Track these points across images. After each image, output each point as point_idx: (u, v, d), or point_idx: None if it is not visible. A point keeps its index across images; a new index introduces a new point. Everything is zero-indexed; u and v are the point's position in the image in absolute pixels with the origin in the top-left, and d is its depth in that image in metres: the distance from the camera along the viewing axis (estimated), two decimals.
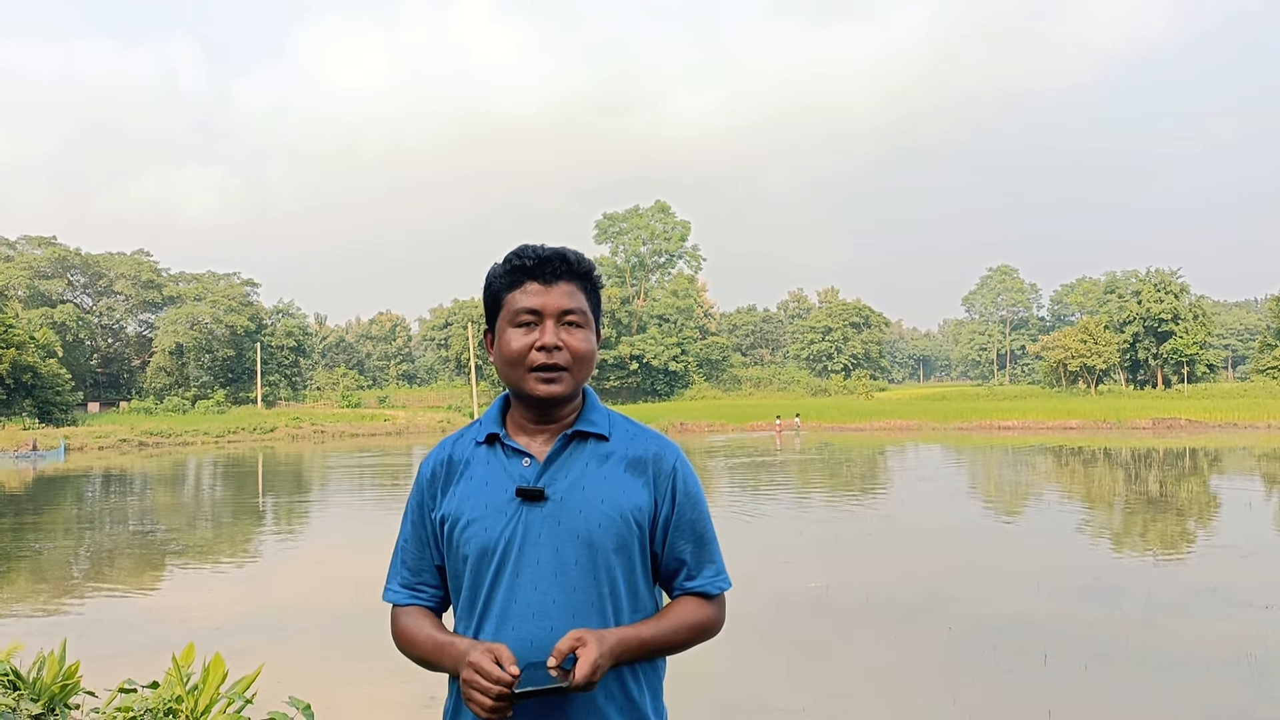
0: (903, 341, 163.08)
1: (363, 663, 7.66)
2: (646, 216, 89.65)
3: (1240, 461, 27.33)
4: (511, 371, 1.73)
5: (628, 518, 1.70)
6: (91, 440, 43.34)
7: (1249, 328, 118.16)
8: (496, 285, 1.77)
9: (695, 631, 1.75)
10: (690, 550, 1.77)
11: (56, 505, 21.54)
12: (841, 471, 26.00)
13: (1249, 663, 7.20)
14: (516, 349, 1.71)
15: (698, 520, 1.78)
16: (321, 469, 30.63)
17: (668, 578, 1.79)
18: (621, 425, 1.80)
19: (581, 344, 1.72)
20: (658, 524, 1.75)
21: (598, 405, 1.81)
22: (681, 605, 1.76)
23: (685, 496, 1.77)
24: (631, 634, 1.65)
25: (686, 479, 1.78)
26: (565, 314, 1.72)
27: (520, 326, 1.72)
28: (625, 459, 1.74)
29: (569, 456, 1.73)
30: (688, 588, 1.77)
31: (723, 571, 1.81)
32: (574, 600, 1.66)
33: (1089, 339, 75.44)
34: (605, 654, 1.57)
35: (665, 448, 1.78)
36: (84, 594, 11.07)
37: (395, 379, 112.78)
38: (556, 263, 1.73)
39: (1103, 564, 11.72)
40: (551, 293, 1.72)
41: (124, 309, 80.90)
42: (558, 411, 1.76)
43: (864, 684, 7.18)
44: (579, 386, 1.76)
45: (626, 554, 1.70)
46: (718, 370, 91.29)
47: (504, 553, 1.68)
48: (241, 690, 3.72)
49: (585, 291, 1.77)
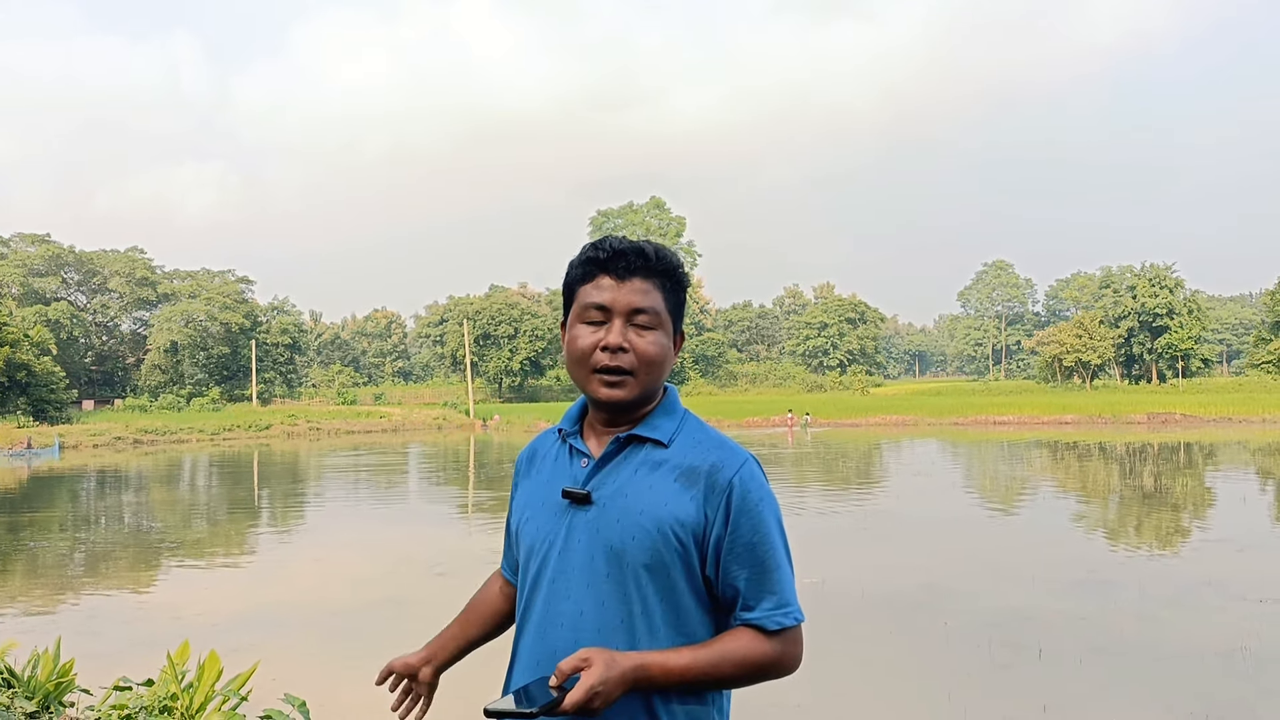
0: (898, 337, 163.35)
1: (359, 660, 7.65)
2: (642, 212, 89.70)
3: (1235, 456, 27.40)
4: (576, 370, 1.64)
5: (666, 532, 1.55)
6: (86, 438, 43.23)
7: (1244, 322, 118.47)
8: (571, 276, 1.68)
9: (746, 668, 1.56)
10: (745, 577, 1.58)
11: (51, 503, 21.49)
12: (837, 467, 26.03)
13: (1244, 656, 7.22)
14: (582, 347, 1.61)
15: (759, 544, 1.58)
16: (317, 466, 30.58)
17: (727, 607, 1.61)
18: (689, 432, 1.66)
19: (650, 347, 1.60)
20: (708, 543, 1.58)
21: (673, 409, 1.68)
22: (733, 636, 1.58)
23: (743, 515, 1.58)
24: (656, 660, 1.49)
25: (746, 495, 1.59)
26: (636, 313, 1.60)
27: (589, 323, 1.62)
28: (678, 468, 1.60)
29: (621, 461, 1.63)
30: (744, 619, 1.59)
31: (788, 604, 1.59)
32: (603, 615, 1.56)
33: (1084, 334, 75.65)
34: (613, 680, 1.42)
35: (728, 459, 1.61)
36: (79, 592, 11.04)
37: (391, 376, 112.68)
38: (633, 257, 1.62)
39: (1098, 558, 11.75)
40: (624, 289, 1.61)
41: (118, 306, 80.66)
42: (627, 414, 1.66)
43: (860, 679, 7.18)
44: (646, 392, 1.63)
45: (664, 572, 1.56)
46: (714, 366, 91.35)
47: (545, 555, 1.63)
48: (237, 688, 3.71)
49: (663, 290, 1.64)
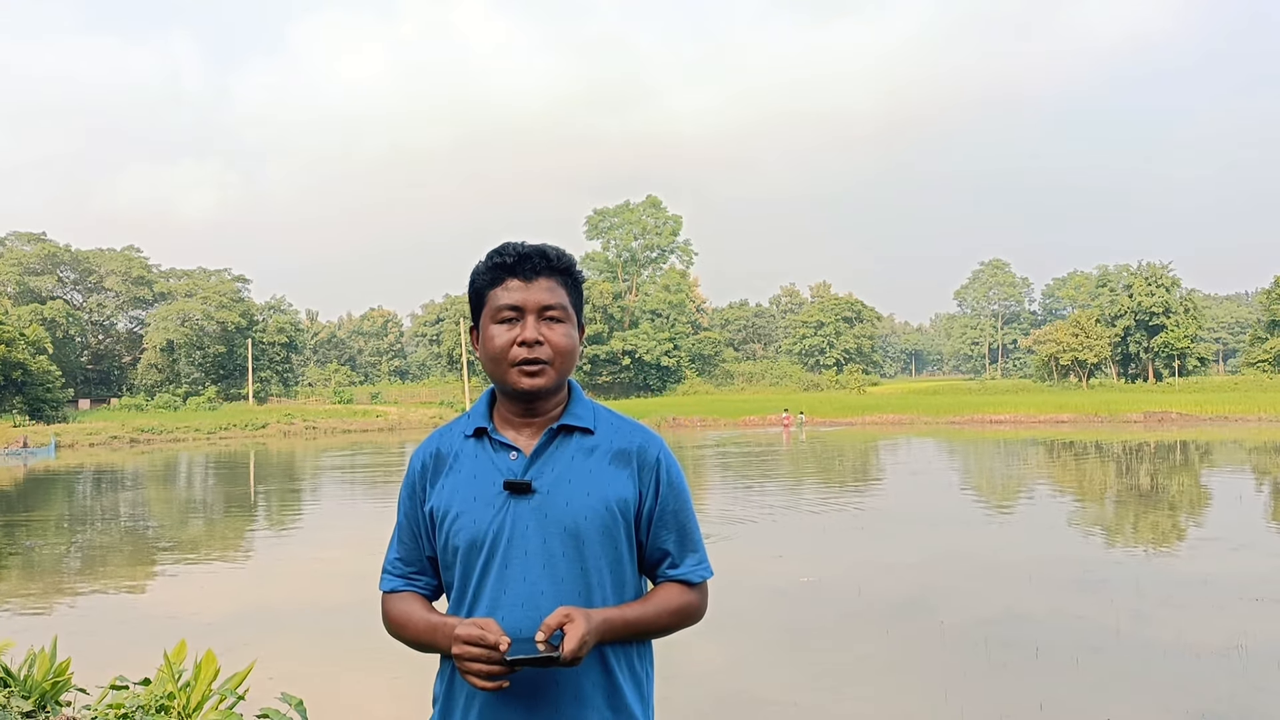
0: (895, 336, 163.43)
1: (356, 658, 7.66)
2: (638, 212, 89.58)
3: (1231, 455, 27.45)
4: (495, 367, 1.77)
5: (613, 509, 1.74)
6: (82, 437, 43.19)
7: (1240, 321, 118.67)
8: (479, 282, 1.82)
9: (678, 616, 1.80)
10: (674, 540, 1.82)
11: (47, 503, 21.47)
12: (833, 466, 26.05)
13: (1239, 654, 7.24)
14: (499, 345, 1.75)
15: (680, 510, 1.82)
16: (313, 465, 30.56)
17: (652, 566, 1.84)
18: (606, 418, 1.83)
19: (562, 339, 1.76)
20: (642, 514, 1.79)
21: (582, 399, 1.85)
22: (665, 590, 1.81)
23: (669, 488, 1.81)
24: (616, 614, 1.70)
25: (670, 470, 1.82)
26: (546, 309, 1.76)
27: (503, 323, 1.76)
28: (610, 452, 1.78)
29: (555, 450, 1.77)
30: (671, 575, 1.82)
31: (705, 560, 1.86)
32: (561, 590, 1.70)
33: (1080, 333, 75.69)
34: (592, 630, 1.62)
35: (649, 440, 1.82)
36: (75, 591, 11.03)
37: (387, 375, 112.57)
38: (536, 259, 1.77)
39: (1094, 557, 11.77)
40: (532, 289, 1.76)
41: (114, 305, 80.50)
42: (542, 405, 1.80)
43: (856, 678, 7.19)
44: (562, 380, 1.80)
45: (613, 544, 1.75)
46: (710, 365, 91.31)
47: (492, 545, 1.72)
48: (233, 687, 3.71)
49: (566, 287, 1.80)
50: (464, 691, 1.72)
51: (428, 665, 1.85)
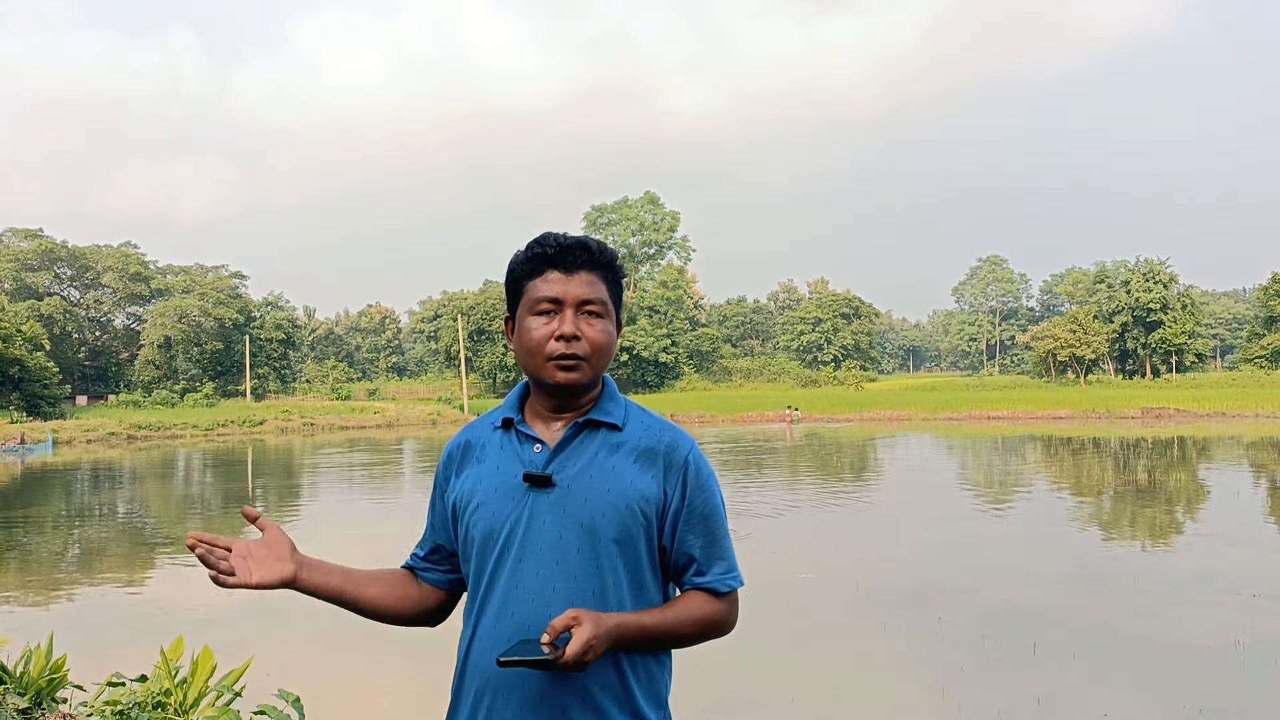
0: (892, 332, 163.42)
1: (353, 654, 7.65)
2: (635, 207, 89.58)
3: (1228, 451, 27.49)
4: (530, 360, 1.73)
5: (634, 508, 1.68)
6: (79, 434, 43.12)
7: (1237, 317, 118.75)
8: (518, 272, 1.77)
9: (701, 626, 1.73)
10: (700, 545, 1.74)
11: (44, 499, 21.44)
12: (831, 462, 26.06)
13: (1237, 650, 7.25)
14: (536, 338, 1.71)
15: (709, 515, 1.75)
16: (311, 462, 30.54)
17: (677, 572, 1.77)
18: (637, 415, 1.79)
19: (600, 334, 1.72)
20: (667, 516, 1.73)
21: (616, 395, 1.81)
22: (688, 599, 1.74)
23: (697, 490, 1.74)
24: (631, 620, 1.64)
25: (700, 472, 1.75)
26: (585, 303, 1.72)
27: (540, 315, 1.72)
28: (636, 449, 1.73)
29: (579, 444, 1.73)
30: (696, 583, 1.75)
31: (734, 569, 1.78)
32: (575, 588, 1.66)
33: (1078, 329, 75.73)
34: (601, 636, 1.55)
35: (679, 439, 1.76)
36: (72, 587, 11.02)
37: (385, 371, 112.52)
38: (578, 251, 1.73)
39: (1091, 553, 11.78)
40: (572, 282, 1.71)
41: (111, 302, 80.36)
42: (575, 400, 1.76)
43: (854, 674, 7.20)
44: (597, 376, 1.75)
45: (631, 545, 1.69)
46: (708, 361, 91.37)
47: (508, 537, 1.69)
48: (231, 683, 3.70)
49: (606, 281, 1.76)
50: (472, 689, 1.69)
51: (425, 661, 1.84)
